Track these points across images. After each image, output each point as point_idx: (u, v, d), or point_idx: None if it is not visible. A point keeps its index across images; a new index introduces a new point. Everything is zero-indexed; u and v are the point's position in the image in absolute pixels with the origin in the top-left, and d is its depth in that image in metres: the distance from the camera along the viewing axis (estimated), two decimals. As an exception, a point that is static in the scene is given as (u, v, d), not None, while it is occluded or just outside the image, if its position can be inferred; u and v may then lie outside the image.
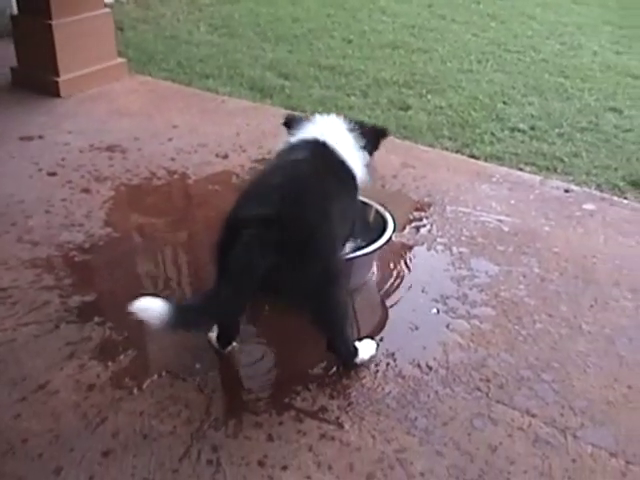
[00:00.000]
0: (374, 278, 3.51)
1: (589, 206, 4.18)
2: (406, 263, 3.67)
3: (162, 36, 7.87)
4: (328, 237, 2.75)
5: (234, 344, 3.00)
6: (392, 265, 3.61)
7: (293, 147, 3.01)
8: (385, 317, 3.33)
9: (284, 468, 2.48)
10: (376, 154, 3.20)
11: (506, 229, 3.96)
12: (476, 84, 6.72)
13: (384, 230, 3.34)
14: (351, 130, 3.08)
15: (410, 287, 3.48)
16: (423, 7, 9.53)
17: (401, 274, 3.56)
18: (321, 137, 2.99)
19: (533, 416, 2.71)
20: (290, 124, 3.18)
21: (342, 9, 9.23)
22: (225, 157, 4.69)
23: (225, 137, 5.02)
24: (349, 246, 3.23)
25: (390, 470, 2.47)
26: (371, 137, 3.14)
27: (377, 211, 3.52)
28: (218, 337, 2.98)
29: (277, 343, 3.13)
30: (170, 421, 2.66)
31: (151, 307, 2.33)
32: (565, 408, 2.76)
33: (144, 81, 6.25)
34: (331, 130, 3.05)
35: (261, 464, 2.49)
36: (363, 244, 3.30)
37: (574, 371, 2.95)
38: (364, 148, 3.09)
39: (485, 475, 2.47)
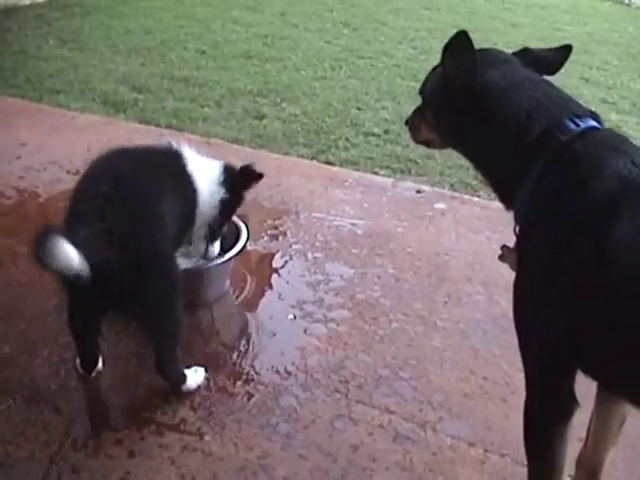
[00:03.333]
0: (230, 288, 3.53)
1: (440, 205, 4.31)
2: (262, 271, 3.70)
3: (9, 51, 7.66)
4: (161, 234, 2.73)
5: (100, 367, 2.93)
6: (249, 274, 3.63)
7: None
8: (243, 326, 3.35)
9: (147, 483, 2.46)
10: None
11: (360, 232, 4.03)
12: (330, 91, 6.84)
13: (238, 239, 3.36)
14: (219, 167, 3.20)
15: (267, 295, 3.52)
16: (276, 16, 9.64)
17: (258, 283, 3.58)
18: (175, 146, 3.08)
19: (392, 413, 2.77)
20: None
21: (195, 20, 9.24)
22: (76, 174, 4.52)
23: (76, 153, 4.88)
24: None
25: (254, 477, 2.49)
26: (238, 176, 3.23)
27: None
28: (81, 360, 2.91)
29: (135, 357, 3.09)
30: (27, 446, 2.59)
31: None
32: (424, 403, 2.83)
33: (-10, 99, 6.08)
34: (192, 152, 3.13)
35: (123, 481, 2.47)
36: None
37: (431, 367, 3.03)
38: (223, 183, 3.15)
39: (348, 475, 2.51)
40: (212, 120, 5.93)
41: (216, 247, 3.33)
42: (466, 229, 4.05)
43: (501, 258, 2.16)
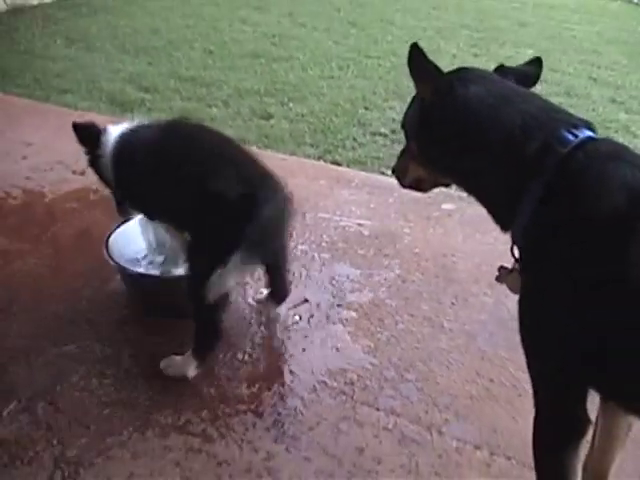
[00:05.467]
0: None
1: (448, 206, 4.28)
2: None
3: (17, 51, 7.68)
4: None
5: None
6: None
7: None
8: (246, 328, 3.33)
9: (150, 485, 2.45)
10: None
11: (366, 233, 4.02)
12: (337, 90, 6.83)
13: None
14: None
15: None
16: (283, 16, 9.62)
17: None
18: None
19: (398, 415, 2.76)
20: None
21: (202, 19, 9.23)
22: (82, 174, 4.55)
23: (82, 153, 4.87)
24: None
25: (258, 479, 2.49)
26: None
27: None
28: None
29: (147, 358, 3.06)
30: (32, 447, 2.59)
31: None
32: (429, 405, 2.82)
33: (-4, 98, 6.07)
34: None
35: (126, 483, 2.46)
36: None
37: (437, 368, 3.02)
38: None
39: (353, 477, 2.50)
40: (219, 120, 5.91)
41: None
42: (473, 230, 4.02)
43: (498, 279, 2.12)
